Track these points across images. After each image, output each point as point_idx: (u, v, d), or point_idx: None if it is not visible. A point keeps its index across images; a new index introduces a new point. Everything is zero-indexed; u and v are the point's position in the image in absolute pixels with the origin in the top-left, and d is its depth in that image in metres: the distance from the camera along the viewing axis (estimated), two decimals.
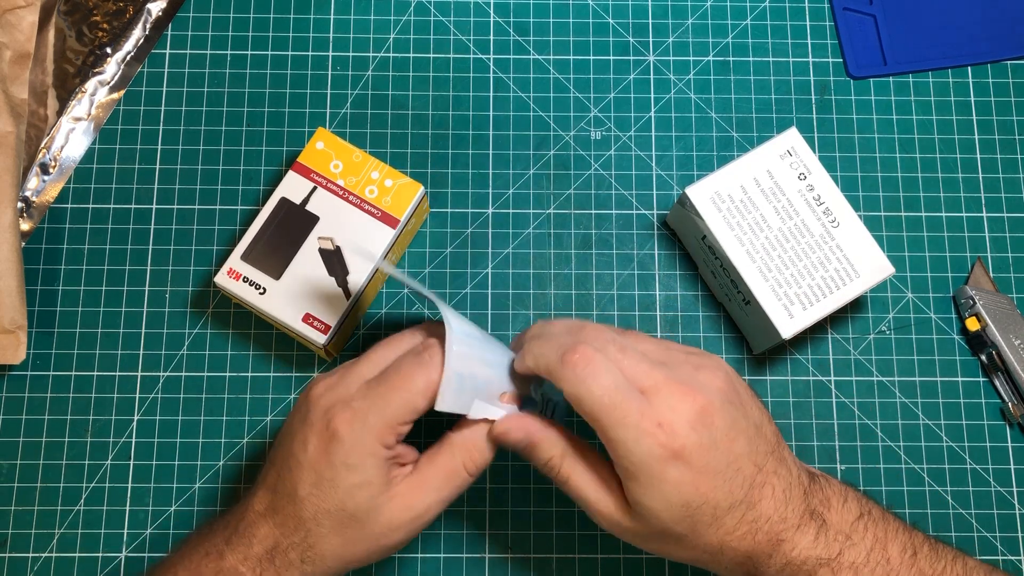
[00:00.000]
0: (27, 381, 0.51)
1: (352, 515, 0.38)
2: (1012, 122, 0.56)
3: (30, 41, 0.52)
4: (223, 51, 0.56)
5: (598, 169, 0.55)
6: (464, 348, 0.39)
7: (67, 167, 0.54)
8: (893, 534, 0.39)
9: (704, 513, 0.37)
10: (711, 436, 0.37)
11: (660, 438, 0.36)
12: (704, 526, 0.37)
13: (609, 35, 0.57)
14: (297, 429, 0.40)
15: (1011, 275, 0.53)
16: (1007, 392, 0.51)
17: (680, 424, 0.37)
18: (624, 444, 0.37)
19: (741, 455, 0.38)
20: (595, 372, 0.37)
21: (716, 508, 0.37)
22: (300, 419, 0.40)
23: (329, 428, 0.38)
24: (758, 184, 0.49)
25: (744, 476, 0.38)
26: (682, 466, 0.37)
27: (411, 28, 0.56)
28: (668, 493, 0.37)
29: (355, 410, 0.38)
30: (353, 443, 0.38)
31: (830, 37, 0.57)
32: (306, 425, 0.39)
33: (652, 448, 0.36)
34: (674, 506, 0.37)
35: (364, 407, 0.38)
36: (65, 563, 0.49)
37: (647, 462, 0.37)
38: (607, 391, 0.37)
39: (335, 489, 0.38)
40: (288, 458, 0.39)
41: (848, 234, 0.48)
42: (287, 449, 0.40)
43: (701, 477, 0.37)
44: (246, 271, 0.48)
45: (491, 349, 0.42)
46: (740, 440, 0.38)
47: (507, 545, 0.50)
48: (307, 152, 0.50)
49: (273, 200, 0.49)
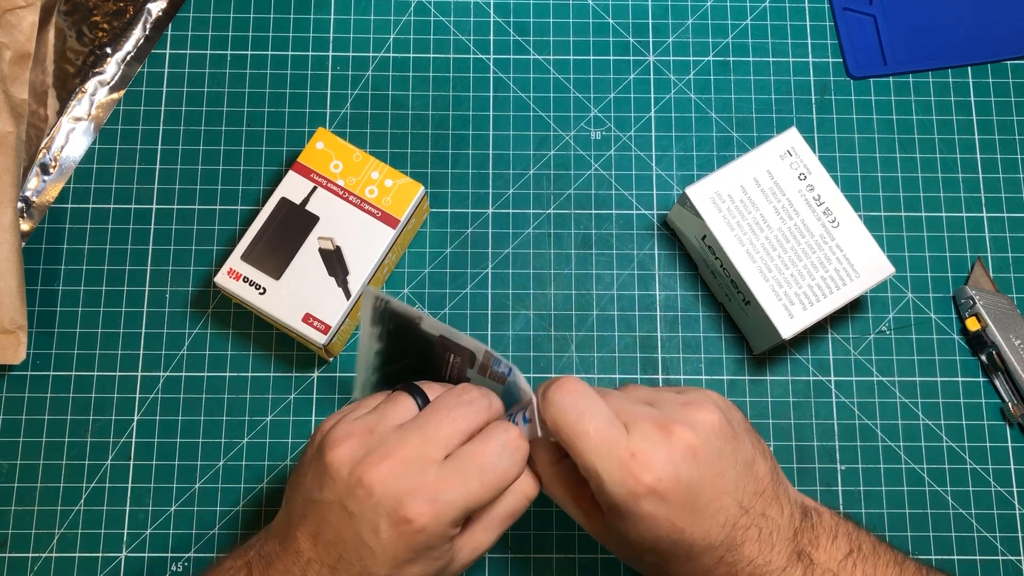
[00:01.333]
0: (27, 381, 0.51)
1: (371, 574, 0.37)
2: (1012, 122, 0.56)
3: (30, 41, 0.52)
4: (223, 51, 0.56)
5: (598, 169, 0.55)
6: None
7: (67, 167, 0.54)
8: (883, 569, 0.38)
9: (679, 549, 0.36)
10: (692, 471, 0.36)
11: (633, 469, 0.35)
12: (678, 561, 0.37)
13: (609, 35, 0.57)
14: (356, 510, 0.36)
15: (1011, 275, 0.53)
16: (1007, 392, 0.51)
17: (658, 456, 0.35)
18: (597, 474, 0.35)
19: (725, 493, 0.36)
20: (575, 401, 0.36)
21: (692, 547, 0.36)
22: (351, 495, 0.36)
23: (406, 518, 0.35)
24: (758, 184, 0.49)
25: (727, 516, 0.36)
26: (657, 501, 0.35)
27: (411, 28, 0.56)
28: (642, 528, 0.36)
29: (438, 503, 0.35)
30: (435, 533, 0.35)
31: (830, 37, 0.57)
32: (369, 508, 0.35)
33: (625, 480, 0.35)
34: (647, 540, 0.36)
35: (448, 499, 0.35)
36: (65, 563, 0.49)
37: (620, 493, 0.35)
38: (583, 417, 0.36)
39: (413, 566, 0.36)
40: (354, 541, 0.36)
41: (848, 234, 0.48)
42: (348, 530, 0.36)
43: (678, 513, 0.36)
44: (246, 271, 0.48)
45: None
46: (726, 477, 0.36)
47: (507, 545, 0.50)
48: (307, 152, 0.50)
49: (273, 200, 0.49)
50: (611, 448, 0.35)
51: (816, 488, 0.50)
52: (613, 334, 0.52)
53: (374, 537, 0.35)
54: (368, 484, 0.35)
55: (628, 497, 0.35)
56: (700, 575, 0.37)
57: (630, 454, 0.35)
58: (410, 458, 0.36)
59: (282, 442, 0.51)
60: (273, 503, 0.50)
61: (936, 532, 0.50)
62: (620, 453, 0.35)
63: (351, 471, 0.36)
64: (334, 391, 0.51)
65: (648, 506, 0.35)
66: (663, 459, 0.35)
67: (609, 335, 0.52)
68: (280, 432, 0.51)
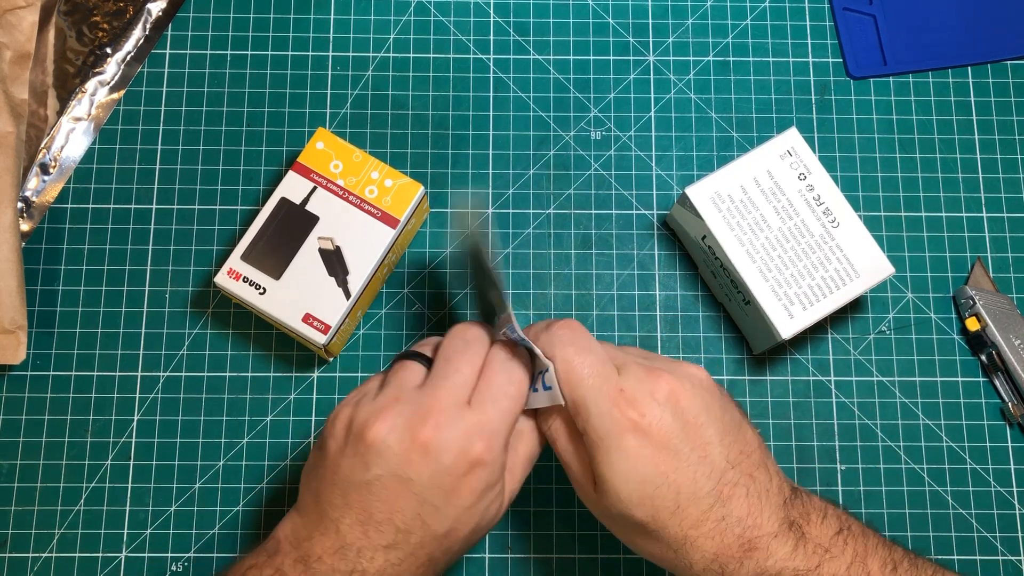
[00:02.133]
0: (27, 381, 0.51)
1: (484, 528, 0.39)
2: (1012, 122, 0.56)
3: (30, 41, 0.52)
4: (223, 51, 0.56)
5: (598, 169, 0.55)
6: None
7: (67, 167, 0.54)
8: (873, 549, 0.38)
9: (665, 497, 0.37)
10: (676, 415, 0.37)
11: (621, 404, 0.37)
12: (666, 513, 0.37)
13: (609, 35, 0.57)
14: (414, 474, 0.37)
15: (1011, 275, 0.53)
16: (1007, 392, 0.51)
17: (644, 396, 0.37)
18: (586, 406, 0.37)
19: (710, 443, 0.37)
20: (574, 337, 0.38)
21: (678, 493, 0.37)
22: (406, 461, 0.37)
23: (471, 459, 0.37)
24: (758, 184, 0.49)
25: (712, 467, 0.37)
26: (641, 437, 0.37)
27: (411, 28, 0.56)
28: (626, 466, 0.37)
29: (489, 435, 0.37)
30: (496, 464, 0.38)
31: (830, 37, 0.57)
32: (428, 466, 0.36)
33: (612, 412, 0.37)
34: (632, 482, 0.37)
35: (494, 429, 0.38)
36: (65, 563, 0.49)
37: (606, 426, 0.37)
38: (580, 352, 0.38)
39: (474, 513, 0.38)
40: (413, 508, 0.37)
41: (848, 234, 0.48)
42: (405, 498, 0.37)
43: (660, 454, 0.37)
44: (246, 271, 0.48)
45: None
46: (711, 428, 0.37)
47: (507, 545, 0.50)
48: (307, 152, 0.50)
49: (273, 200, 0.49)
50: (601, 383, 0.37)
51: (816, 488, 0.50)
52: (613, 334, 0.52)
53: (439, 493, 0.37)
54: (422, 443, 0.36)
55: (613, 429, 0.37)
56: (689, 532, 0.37)
57: (618, 389, 0.37)
58: (447, 409, 0.37)
59: (282, 442, 0.51)
60: (273, 503, 0.50)
61: (936, 532, 0.50)
62: (609, 388, 0.37)
63: (399, 439, 0.37)
64: (334, 391, 0.51)
65: (632, 441, 0.37)
66: (649, 398, 0.37)
67: (609, 335, 0.52)
68: (280, 432, 0.51)
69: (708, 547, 0.37)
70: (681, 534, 0.37)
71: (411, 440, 0.36)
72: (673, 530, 0.37)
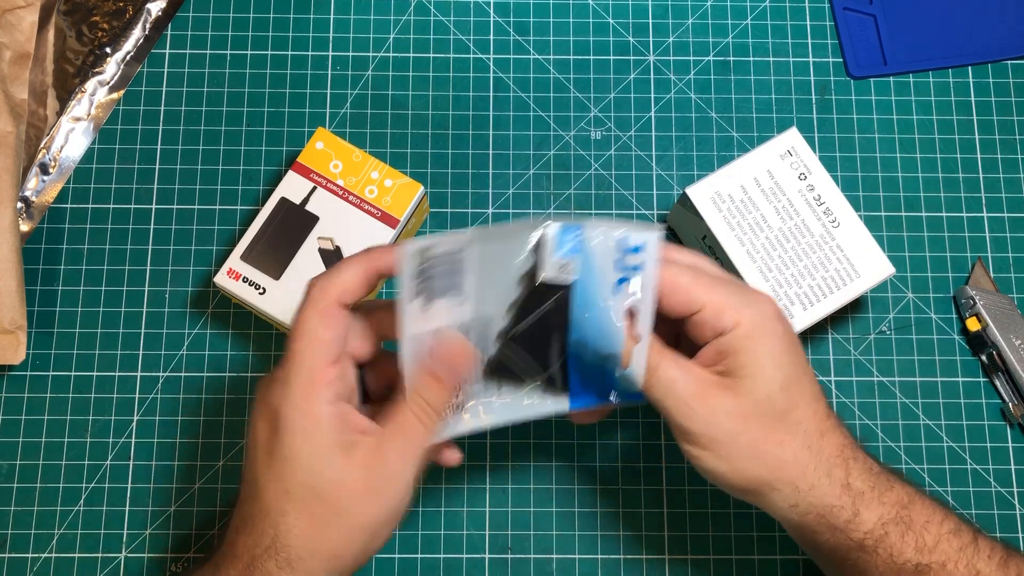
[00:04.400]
0: (27, 381, 0.51)
1: (313, 489, 0.36)
2: (1012, 122, 0.56)
3: (30, 41, 0.52)
4: (223, 51, 0.56)
5: (598, 169, 0.55)
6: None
7: (67, 167, 0.54)
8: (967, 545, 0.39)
9: (803, 383, 0.38)
10: (778, 339, 0.38)
11: (764, 297, 0.38)
12: (805, 396, 0.38)
13: (609, 35, 0.57)
14: (249, 429, 0.38)
15: (1011, 275, 0.53)
16: (1007, 392, 0.51)
17: (747, 306, 0.38)
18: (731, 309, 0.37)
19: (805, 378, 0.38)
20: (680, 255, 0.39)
21: (812, 384, 0.38)
22: (251, 419, 0.38)
23: (269, 409, 0.36)
24: (758, 184, 0.49)
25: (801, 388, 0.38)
26: (786, 324, 0.38)
27: (411, 28, 0.56)
28: (777, 347, 0.37)
29: (282, 379, 0.36)
30: (291, 414, 0.36)
31: (830, 37, 0.57)
32: (253, 418, 0.38)
33: (762, 306, 0.38)
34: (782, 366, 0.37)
35: (286, 372, 0.36)
36: (65, 563, 0.49)
37: (756, 319, 0.37)
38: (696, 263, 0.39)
39: (292, 463, 0.36)
40: (246, 459, 0.38)
41: (848, 234, 0.48)
42: (246, 454, 0.38)
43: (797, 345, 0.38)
44: (246, 271, 0.48)
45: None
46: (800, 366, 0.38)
47: (507, 545, 0.50)
48: (307, 152, 0.50)
49: (273, 200, 0.49)
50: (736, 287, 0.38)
51: None
52: None
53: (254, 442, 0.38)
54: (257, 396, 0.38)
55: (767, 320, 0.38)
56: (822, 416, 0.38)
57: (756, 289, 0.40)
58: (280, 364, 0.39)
59: None
60: None
61: None
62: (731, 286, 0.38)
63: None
64: None
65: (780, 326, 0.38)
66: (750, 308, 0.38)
67: None
68: None
69: (836, 437, 0.38)
70: (817, 420, 0.38)
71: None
72: (810, 412, 0.38)
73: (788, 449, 0.37)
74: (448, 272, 0.36)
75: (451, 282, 0.36)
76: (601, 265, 0.36)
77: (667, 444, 0.51)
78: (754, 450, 0.37)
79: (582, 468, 0.50)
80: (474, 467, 0.50)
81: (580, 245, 0.35)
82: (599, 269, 0.36)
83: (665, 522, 0.50)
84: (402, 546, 0.49)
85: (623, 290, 0.36)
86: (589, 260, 0.36)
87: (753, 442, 0.37)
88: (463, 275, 0.36)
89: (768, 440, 0.37)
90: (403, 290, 0.36)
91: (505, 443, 0.51)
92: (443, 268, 0.36)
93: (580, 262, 0.36)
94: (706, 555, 0.49)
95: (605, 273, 0.36)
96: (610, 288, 0.36)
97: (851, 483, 0.38)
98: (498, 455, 0.51)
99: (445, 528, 0.49)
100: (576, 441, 0.51)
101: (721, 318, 0.37)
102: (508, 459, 0.50)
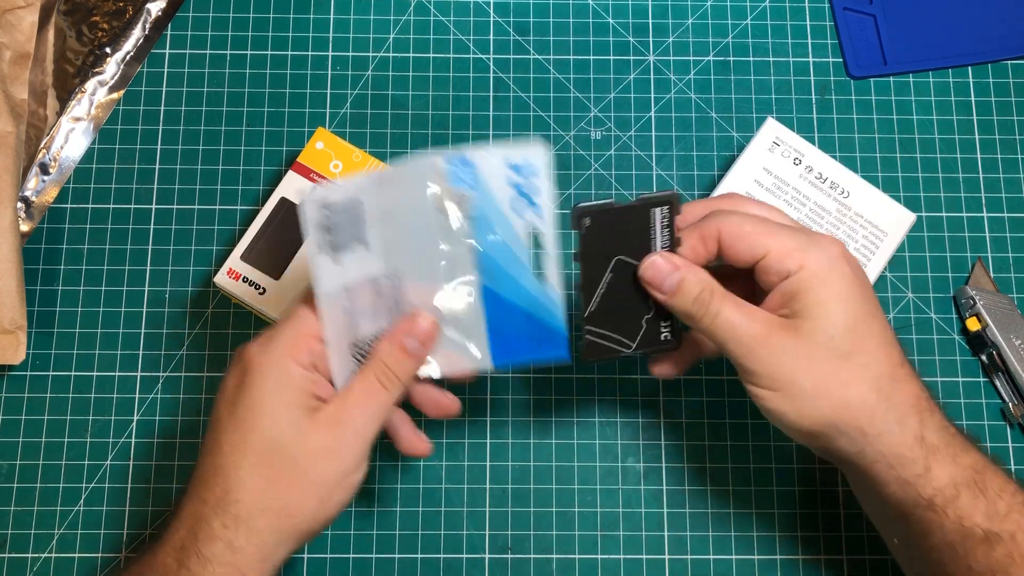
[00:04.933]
0: (27, 381, 0.51)
1: (273, 441, 0.36)
2: (1012, 122, 0.56)
3: (30, 41, 0.52)
4: (223, 51, 0.56)
5: (598, 169, 0.55)
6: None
7: (67, 167, 0.54)
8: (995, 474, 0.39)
9: (872, 323, 0.37)
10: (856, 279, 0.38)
11: (830, 239, 0.38)
12: (873, 339, 0.37)
13: (609, 35, 0.57)
14: (220, 384, 0.38)
15: (1011, 275, 0.53)
16: (1008, 392, 0.51)
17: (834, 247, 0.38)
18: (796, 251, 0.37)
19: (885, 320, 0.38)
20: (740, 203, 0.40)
21: (884, 327, 0.38)
22: (224, 375, 0.39)
23: (243, 360, 0.37)
24: (760, 185, 0.49)
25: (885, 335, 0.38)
26: (853, 263, 0.38)
27: (411, 28, 0.56)
28: (843, 286, 0.37)
29: (264, 338, 0.38)
30: (265, 365, 0.37)
31: (830, 37, 0.57)
32: (225, 373, 0.38)
33: (828, 248, 0.37)
34: (852, 301, 0.37)
35: (270, 333, 0.38)
36: (65, 563, 0.49)
37: (821, 260, 0.37)
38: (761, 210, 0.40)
39: (255, 412, 0.36)
40: (211, 415, 0.38)
41: (861, 199, 0.49)
42: (212, 408, 0.38)
43: (867, 285, 0.38)
44: (246, 271, 0.48)
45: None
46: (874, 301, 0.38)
47: (507, 545, 0.50)
48: (307, 152, 0.50)
49: (273, 200, 0.49)
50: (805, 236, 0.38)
51: (817, 488, 0.50)
52: None
53: (222, 395, 0.38)
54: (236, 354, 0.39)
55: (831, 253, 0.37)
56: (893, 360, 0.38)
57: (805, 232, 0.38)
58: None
59: None
60: None
61: None
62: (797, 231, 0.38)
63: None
64: None
65: (846, 266, 0.37)
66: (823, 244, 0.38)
67: None
68: None
69: (910, 386, 0.38)
70: (889, 363, 0.37)
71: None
72: (880, 354, 0.37)
73: (854, 391, 0.37)
74: (350, 222, 0.36)
75: (354, 232, 0.37)
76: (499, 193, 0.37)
77: (667, 444, 0.51)
78: (817, 390, 0.37)
79: (582, 468, 0.50)
80: (474, 466, 0.50)
81: (474, 179, 0.37)
82: (498, 199, 0.37)
83: (665, 522, 0.50)
84: (402, 546, 0.49)
85: (522, 207, 0.38)
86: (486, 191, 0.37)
87: (816, 383, 0.37)
88: (365, 225, 0.37)
89: (832, 381, 0.37)
90: (310, 243, 0.36)
91: (505, 443, 0.51)
92: (344, 217, 0.36)
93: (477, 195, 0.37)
94: (706, 555, 0.49)
95: (503, 198, 0.37)
96: (509, 208, 0.38)
97: (925, 436, 0.37)
98: (498, 455, 0.51)
99: (445, 528, 0.49)
100: (576, 441, 0.51)
101: (785, 261, 0.37)
102: (508, 459, 0.50)
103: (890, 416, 0.37)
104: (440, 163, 0.36)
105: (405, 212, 0.37)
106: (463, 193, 0.37)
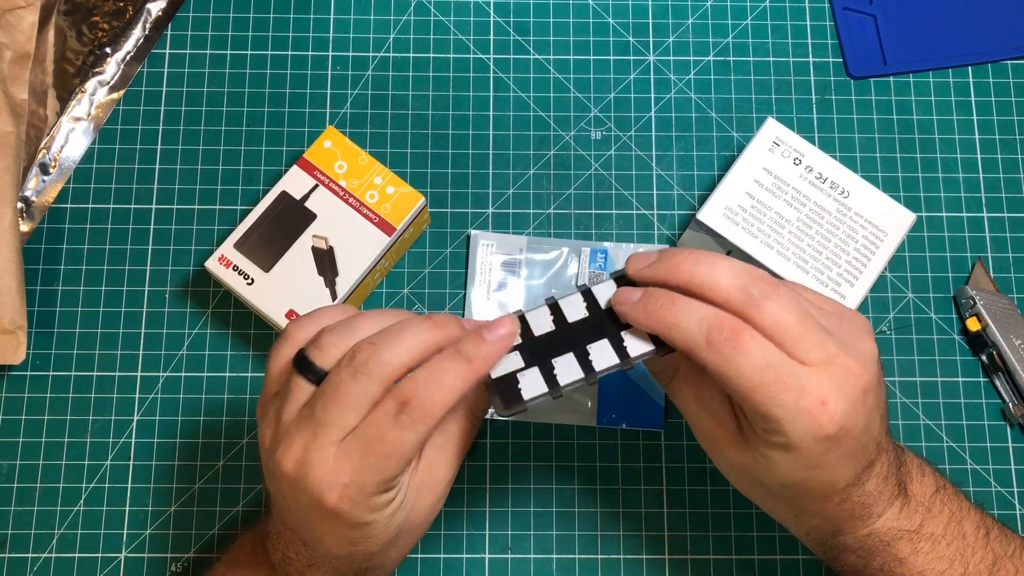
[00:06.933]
0: (27, 381, 0.51)
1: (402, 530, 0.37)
2: (1012, 122, 0.56)
3: (30, 41, 0.52)
4: (223, 51, 0.56)
5: (598, 169, 0.55)
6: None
7: (67, 167, 0.54)
8: (967, 511, 0.39)
9: (816, 491, 0.36)
10: (864, 418, 0.35)
11: (822, 420, 0.34)
12: (810, 499, 0.37)
13: (609, 35, 0.57)
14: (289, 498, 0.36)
15: (1011, 275, 0.53)
16: (1008, 392, 0.51)
17: (844, 404, 0.34)
18: (779, 422, 0.34)
19: (875, 436, 0.36)
20: (745, 351, 0.33)
21: (833, 488, 0.36)
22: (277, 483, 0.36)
23: (327, 509, 0.35)
24: (761, 185, 0.49)
25: (868, 457, 0.36)
26: (833, 446, 0.34)
27: (411, 28, 0.56)
28: (801, 466, 0.35)
29: (347, 487, 0.34)
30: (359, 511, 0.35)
31: (830, 37, 0.57)
32: (294, 498, 0.35)
33: (811, 427, 0.34)
34: (798, 472, 0.36)
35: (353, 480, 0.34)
36: (65, 563, 0.49)
37: (803, 439, 0.34)
38: (758, 371, 0.33)
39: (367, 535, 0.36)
40: (304, 525, 0.37)
41: (861, 199, 0.49)
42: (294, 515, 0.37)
43: (842, 460, 0.35)
44: (237, 259, 0.48)
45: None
46: (877, 421, 0.36)
47: (507, 545, 0.49)
48: (314, 149, 0.50)
49: (274, 193, 0.49)
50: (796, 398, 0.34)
51: None
52: None
53: (314, 522, 0.36)
54: (284, 475, 0.35)
55: (811, 443, 0.34)
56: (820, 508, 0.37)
57: (820, 403, 0.34)
58: (308, 446, 0.34)
59: None
60: None
61: None
62: (807, 403, 0.34)
63: (268, 458, 0.36)
64: None
65: (820, 450, 0.34)
66: (849, 406, 0.34)
67: None
68: None
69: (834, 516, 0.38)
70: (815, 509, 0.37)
71: (276, 466, 0.35)
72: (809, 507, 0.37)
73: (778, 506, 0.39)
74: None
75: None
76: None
77: (667, 444, 0.51)
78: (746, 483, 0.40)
79: (582, 468, 0.50)
80: (474, 467, 0.50)
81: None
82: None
83: (665, 522, 0.50)
84: None
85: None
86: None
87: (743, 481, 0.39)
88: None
89: (755, 490, 0.39)
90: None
91: (505, 443, 0.51)
92: None
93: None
94: (706, 555, 0.49)
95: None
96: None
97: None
98: (498, 455, 0.50)
99: (445, 528, 0.49)
100: (576, 441, 0.51)
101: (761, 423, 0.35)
102: (508, 459, 0.50)
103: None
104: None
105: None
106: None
